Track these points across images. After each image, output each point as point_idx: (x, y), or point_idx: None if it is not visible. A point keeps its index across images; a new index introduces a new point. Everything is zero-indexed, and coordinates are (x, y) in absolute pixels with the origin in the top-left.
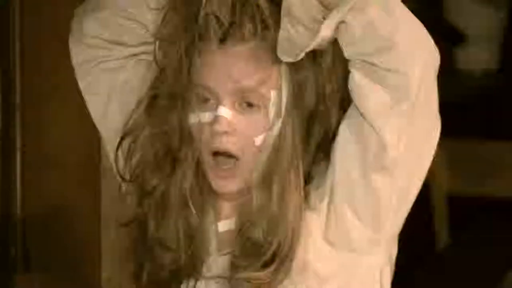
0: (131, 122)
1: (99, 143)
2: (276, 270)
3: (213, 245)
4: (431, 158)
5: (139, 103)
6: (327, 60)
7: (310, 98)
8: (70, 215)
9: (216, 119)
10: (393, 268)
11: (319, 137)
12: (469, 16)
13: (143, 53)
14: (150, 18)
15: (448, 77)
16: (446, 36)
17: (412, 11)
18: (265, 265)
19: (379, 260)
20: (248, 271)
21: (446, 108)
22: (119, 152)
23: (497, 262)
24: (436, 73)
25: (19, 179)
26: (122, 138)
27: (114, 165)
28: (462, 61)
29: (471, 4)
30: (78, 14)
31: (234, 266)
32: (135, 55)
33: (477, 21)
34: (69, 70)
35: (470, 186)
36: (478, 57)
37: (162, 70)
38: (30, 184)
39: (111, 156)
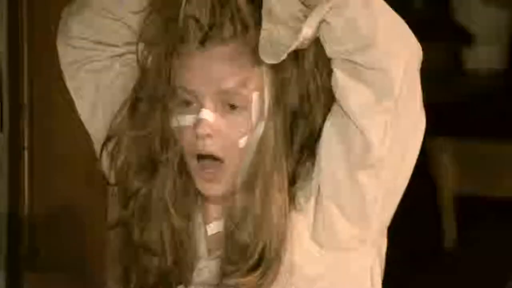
0: (114, 125)
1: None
2: (264, 274)
3: (202, 248)
4: (417, 153)
5: (122, 106)
6: (310, 58)
7: (293, 98)
8: (77, 215)
9: (198, 122)
10: (383, 261)
11: (303, 137)
12: (477, 16)
13: (128, 53)
14: (134, 19)
15: (456, 77)
16: (453, 36)
17: (419, 11)
18: (252, 269)
19: (368, 257)
20: (236, 277)
21: (454, 108)
22: (104, 155)
23: (505, 262)
24: (419, 69)
25: (27, 179)
26: (106, 141)
27: (100, 167)
28: (470, 61)
29: (478, 4)
30: (64, 15)
31: (221, 272)
32: (120, 55)
33: (484, 21)
34: None
35: (477, 186)
36: (485, 57)
37: (143, 73)
38: (38, 184)
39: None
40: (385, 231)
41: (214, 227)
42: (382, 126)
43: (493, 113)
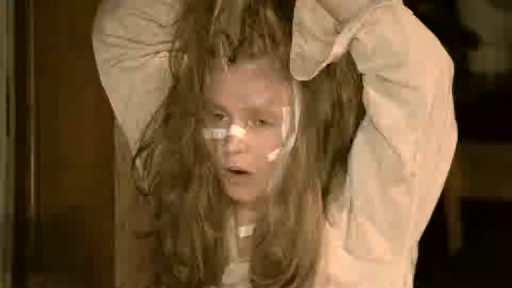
0: (147, 135)
1: (113, 144)
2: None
3: (233, 252)
4: (448, 166)
5: (154, 115)
6: (342, 67)
7: (324, 110)
8: (84, 216)
9: (228, 138)
10: (413, 272)
11: (335, 146)
12: (483, 18)
13: (162, 51)
14: (167, 19)
15: (462, 80)
16: (460, 38)
17: (426, 14)
18: (287, 283)
19: (401, 269)
20: None
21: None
22: (137, 164)
23: (510, 265)
24: (451, 84)
25: (33, 180)
26: (139, 151)
27: (131, 177)
28: (476, 63)
29: (485, 7)
30: (98, 13)
31: (254, 286)
32: (155, 53)
33: (491, 24)
34: (84, 72)
35: (484, 188)
36: (492, 60)
37: (176, 82)
38: (44, 186)
39: (133, 154)
40: (417, 243)
41: (246, 230)
42: (414, 143)
43: (500, 115)
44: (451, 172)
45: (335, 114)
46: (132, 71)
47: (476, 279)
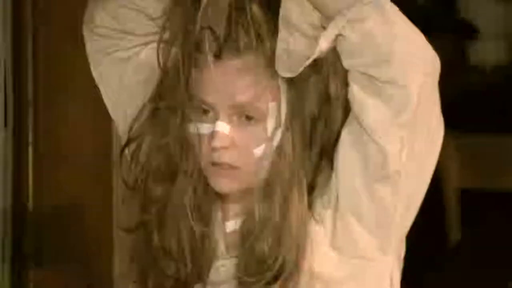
0: (134, 128)
1: (111, 138)
2: (283, 286)
3: (221, 246)
4: (435, 163)
5: (141, 109)
6: (328, 62)
7: (311, 105)
8: (82, 211)
9: (214, 134)
10: (401, 267)
11: (322, 141)
12: (481, 11)
13: (152, 41)
14: (157, 10)
15: (460, 72)
16: (458, 31)
17: (425, 6)
18: (270, 282)
19: (388, 265)
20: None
21: (458, 103)
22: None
23: (510, 257)
24: (437, 80)
25: (31, 174)
26: (126, 144)
27: (120, 170)
28: (475, 56)
29: None
30: (90, 4)
31: (239, 283)
32: (145, 45)
33: (489, 16)
34: (82, 66)
35: (482, 180)
36: (490, 52)
37: (163, 75)
38: (42, 180)
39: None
40: (404, 239)
41: (233, 225)
42: (399, 141)
43: (498, 107)
44: (450, 164)
45: (323, 108)
46: (123, 62)
47: (475, 272)
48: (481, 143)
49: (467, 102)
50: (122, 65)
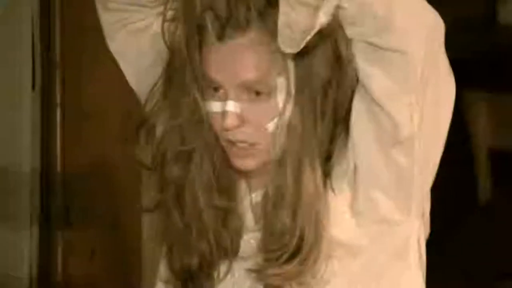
0: (148, 107)
1: (138, 99)
2: (303, 261)
3: (249, 218)
4: (449, 121)
5: (152, 91)
6: (336, 27)
7: (321, 73)
8: (110, 170)
9: (224, 114)
10: (428, 225)
11: (335, 109)
12: None
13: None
14: None
15: (489, 31)
16: None
17: None
18: (291, 257)
19: (413, 227)
20: (275, 266)
21: (488, 61)
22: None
23: None
24: (442, 41)
25: (59, 135)
26: (139, 126)
27: (137, 149)
28: (504, 14)
29: None
30: None
31: (261, 260)
32: (158, 14)
33: None
34: None
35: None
36: None
37: (172, 54)
38: (70, 140)
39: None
40: (428, 194)
41: (259, 195)
42: (407, 107)
43: None
44: (479, 124)
45: (334, 73)
46: (138, 34)
47: (507, 230)
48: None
49: (496, 61)
50: (137, 36)
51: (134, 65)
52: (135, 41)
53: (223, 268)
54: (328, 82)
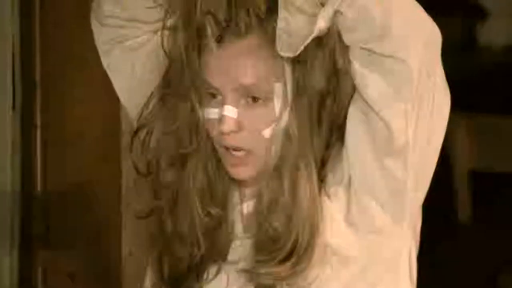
0: (144, 115)
1: (119, 119)
2: (296, 263)
3: (238, 227)
4: (443, 133)
5: (151, 96)
6: (334, 36)
7: (319, 80)
8: (91, 192)
9: (222, 119)
10: (418, 239)
11: (331, 116)
12: None
13: (160, 30)
14: None
15: (470, 53)
16: (467, 11)
17: None
18: (284, 259)
19: (406, 239)
20: (268, 266)
21: (469, 84)
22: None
23: None
24: (439, 50)
25: (39, 156)
26: (135, 132)
27: (131, 156)
28: (484, 36)
29: None
30: None
31: (256, 261)
32: (154, 32)
33: None
34: (90, 47)
35: (491, 161)
36: (499, 33)
37: (170, 63)
38: (50, 161)
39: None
40: (420, 210)
41: (250, 206)
42: (403, 115)
43: (508, 88)
44: (460, 145)
45: (331, 82)
46: (133, 51)
47: (485, 252)
48: (492, 124)
49: (477, 82)
50: (132, 54)
51: (127, 82)
52: (130, 58)
53: (212, 270)
54: (325, 90)
